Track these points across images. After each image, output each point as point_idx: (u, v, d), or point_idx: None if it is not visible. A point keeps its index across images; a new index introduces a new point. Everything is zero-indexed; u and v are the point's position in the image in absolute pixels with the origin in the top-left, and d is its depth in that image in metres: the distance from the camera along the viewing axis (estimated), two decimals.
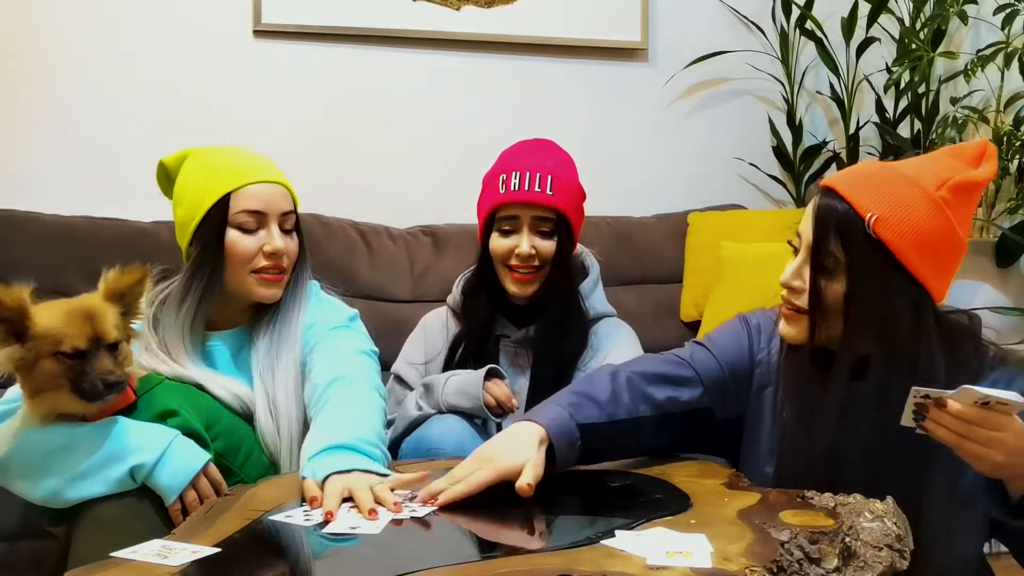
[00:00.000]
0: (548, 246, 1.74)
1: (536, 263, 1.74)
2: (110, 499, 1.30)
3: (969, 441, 1.15)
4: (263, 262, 1.57)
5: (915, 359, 1.27)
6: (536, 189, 1.70)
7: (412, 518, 1.16)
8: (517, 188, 1.71)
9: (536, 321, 1.79)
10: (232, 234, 1.56)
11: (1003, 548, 1.37)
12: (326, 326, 1.62)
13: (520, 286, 1.75)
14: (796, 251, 1.36)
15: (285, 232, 1.61)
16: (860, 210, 1.26)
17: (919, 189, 1.26)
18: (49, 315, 1.30)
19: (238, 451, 1.49)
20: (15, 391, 1.41)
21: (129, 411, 1.38)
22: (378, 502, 1.20)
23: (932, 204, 1.26)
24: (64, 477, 1.30)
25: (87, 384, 1.29)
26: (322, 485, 1.26)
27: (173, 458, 1.33)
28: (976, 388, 1.12)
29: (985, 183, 1.30)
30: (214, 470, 1.38)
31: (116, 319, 1.34)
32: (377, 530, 1.11)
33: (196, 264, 1.57)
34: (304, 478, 1.30)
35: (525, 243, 1.72)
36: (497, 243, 1.76)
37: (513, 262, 1.74)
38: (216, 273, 1.57)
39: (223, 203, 1.55)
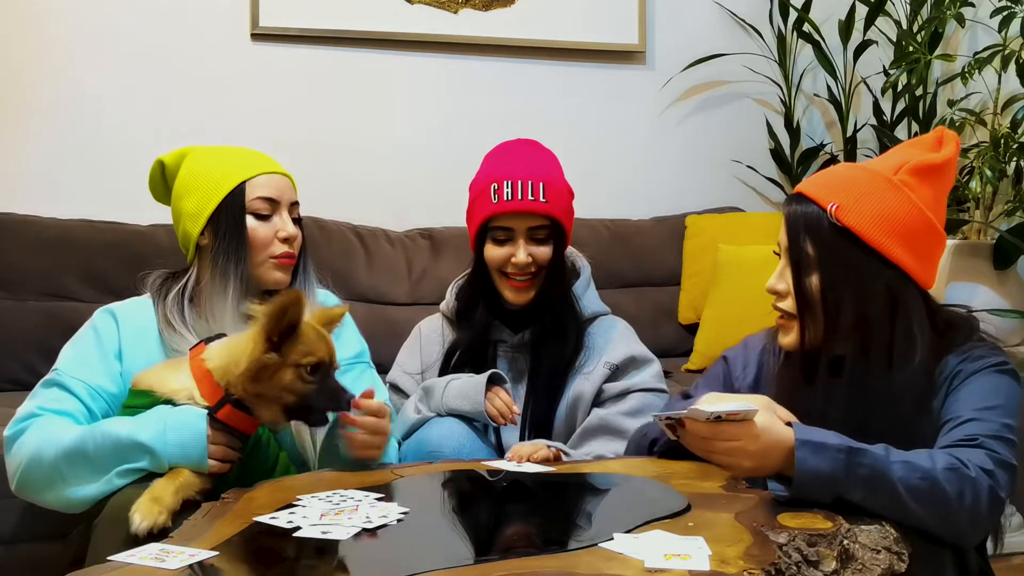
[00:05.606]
0: (544, 252, 1.73)
1: (532, 269, 1.73)
2: (130, 491, 1.32)
3: (715, 454, 1.21)
4: (280, 248, 1.60)
5: (890, 343, 1.31)
6: (530, 198, 1.68)
7: (384, 526, 1.14)
8: (511, 198, 1.68)
9: (531, 325, 1.79)
10: (249, 220, 1.58)
11: (1005, 550, 1.38)
12: None
13: (517, 294, 1.74)
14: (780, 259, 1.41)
15: (293, 222, 1.64)
16: (822, 204, 1.33)
17: (878, 176, 1.34)
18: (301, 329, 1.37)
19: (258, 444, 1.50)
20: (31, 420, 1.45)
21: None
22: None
23: (891, 187, 1.32)
24: (86, 476, 1.37)
25: (320, 401, 1.37)
26: None
27: (175, 435, 1.35)
28: (702, 407, 1.17)
29: (944, 164, 1.37)
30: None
31: None
32: (346, 536, 1.10)
33: (218, 250, 1.56)
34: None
35: (522, 252, 1.70)
36: (493, 252, 1.74)
37: (510, 270, 1.73)
38: (242, 255, 1.56)
39: (239, 191, 1.57)
